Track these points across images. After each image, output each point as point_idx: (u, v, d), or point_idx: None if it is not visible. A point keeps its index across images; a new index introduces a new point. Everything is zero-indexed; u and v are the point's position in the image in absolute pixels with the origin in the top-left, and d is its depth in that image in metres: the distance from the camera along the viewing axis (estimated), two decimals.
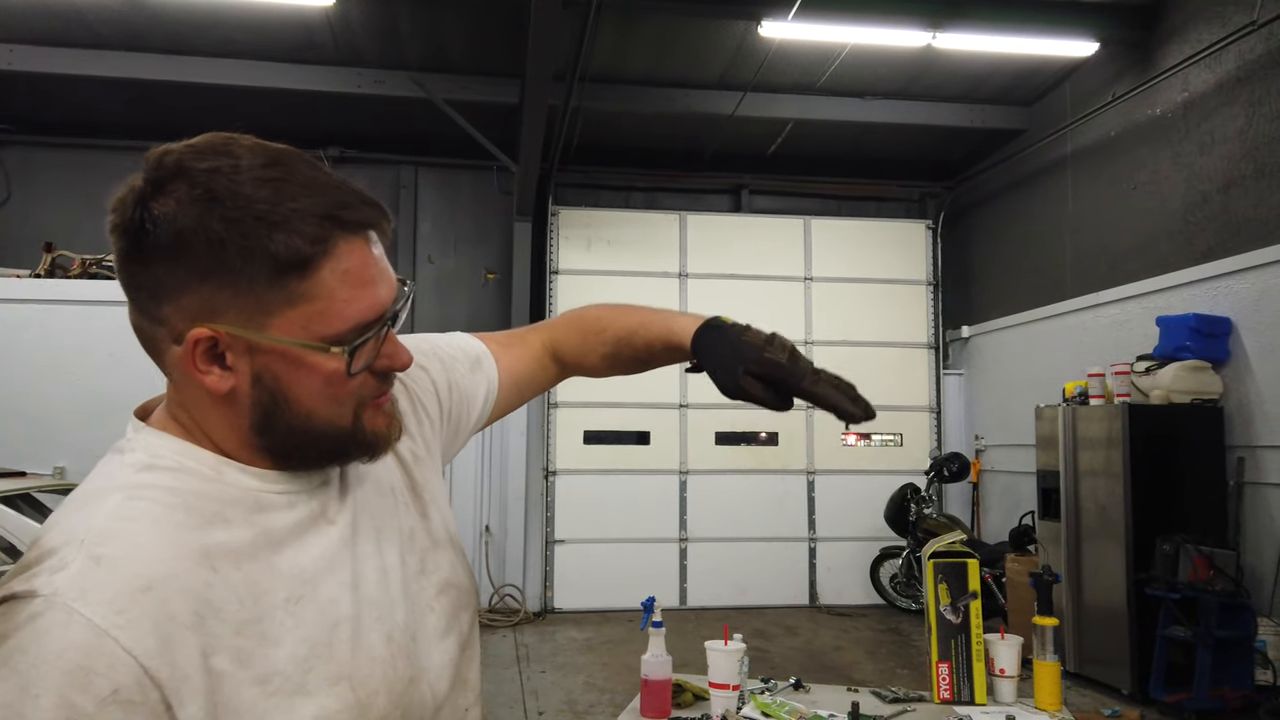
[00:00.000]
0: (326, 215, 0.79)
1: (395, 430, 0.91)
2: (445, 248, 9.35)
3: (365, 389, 0.86)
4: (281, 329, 0.80)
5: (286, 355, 0.81)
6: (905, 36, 6.96)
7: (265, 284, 0.78)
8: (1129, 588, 5.79)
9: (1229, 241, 6.24)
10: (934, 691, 2.34)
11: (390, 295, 0.85)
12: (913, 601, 8.45)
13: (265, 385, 0.81)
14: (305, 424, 0.83)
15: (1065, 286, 8.04)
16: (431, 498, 1.03)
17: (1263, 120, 6.01)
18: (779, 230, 9.54)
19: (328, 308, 0.80)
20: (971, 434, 9.51)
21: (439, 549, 1.00)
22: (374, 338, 0.84)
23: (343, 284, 0.80)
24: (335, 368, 0.82)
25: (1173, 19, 6.84)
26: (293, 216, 0.78)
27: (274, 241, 0.77)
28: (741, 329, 1.10)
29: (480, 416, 1.18)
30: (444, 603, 0.97)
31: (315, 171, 0.82)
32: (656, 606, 2.29)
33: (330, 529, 0.88)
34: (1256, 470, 5.91)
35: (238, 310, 0.79)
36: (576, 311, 1.29)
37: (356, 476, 0.94)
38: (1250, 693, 5.23)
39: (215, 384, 0.81)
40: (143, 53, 7.40)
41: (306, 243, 0.78)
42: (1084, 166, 7.88)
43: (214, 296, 0.78)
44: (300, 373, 0.81)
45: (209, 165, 0.78)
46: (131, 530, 0.77)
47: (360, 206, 0.83)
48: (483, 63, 7.77)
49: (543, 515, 8.87)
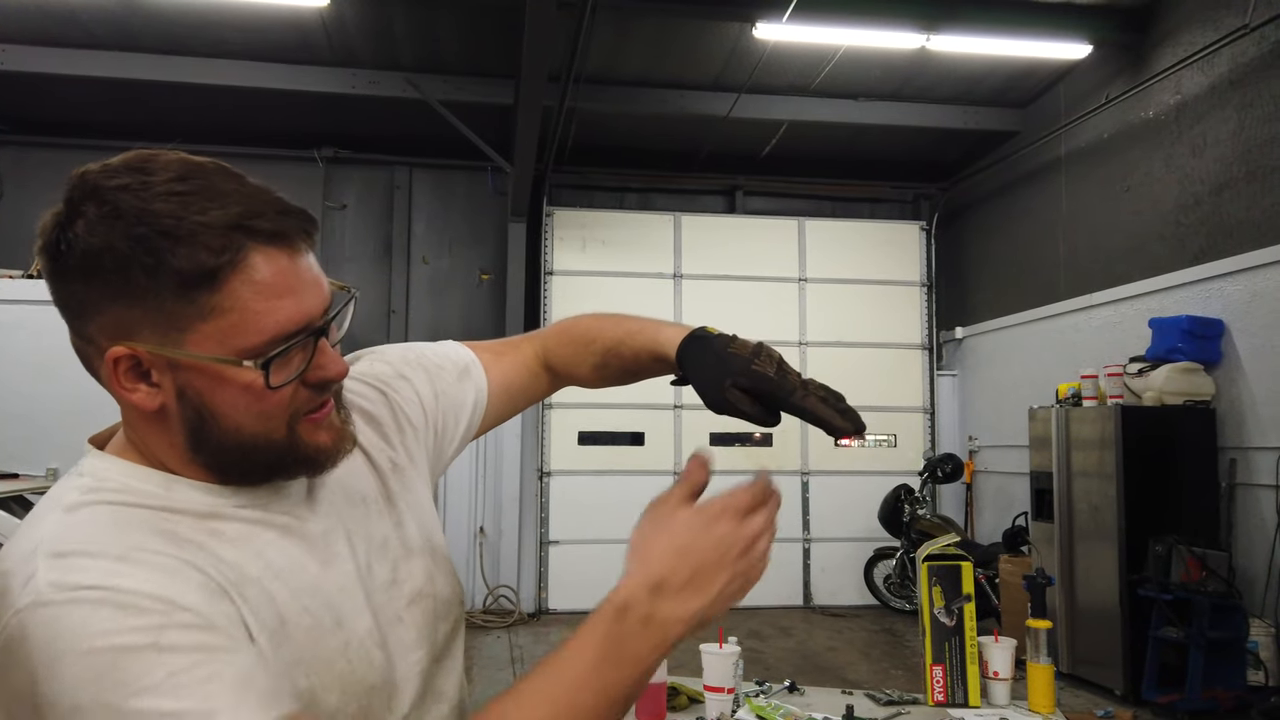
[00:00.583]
0: (234, 226, 0.77)
1: (345, 443, 0.89)
2: (440, 249, 9.35)
3: (298, 401, 0.84)
4: (196, 344, 0.78)
5: (205, 371, 0.79)
6: (899, 38, 6.98)
7: (173, 300, 0.76)
8: (1122, 589, 5.81)
9: (1221, 244, 6.27)
10: (928, 694, 2.35)
11: (318, 305, 0.83)
12: (906, 602, 8.47)
13: (190, 401, 0.80)
14: (235, 439, 0.82)
15: (1058, 288, 8.06)
16: (409, 506, 1.02)
17: (1255, 123, 6.03)
18: (773, 231, 9.55)
19: (241, 320, 0.78)
20: (965, 435, 9.53)
21: (413, 557, 0.98)
22: (298, 349, 0.81)
23: (256, 295, 0.78)
24: (254, 381, 0.80)
25: (1166, 22, 6.87)
26: (198, 230, 0.76)
27: (177, 256, 0.75)
28: (728, 339, 1.05)
29: (470, 425, 1.16)
30: (415, 613, 0.95)
31: (232, 183, 0.80)
32: None
33: (289, 535, 0.87)
34: (1248, 471, 5.93)
35: (151, 327, 0.77)
36: (569, 320, 1.26)
37: (325, 485, 0.93)
38: (1242, 693, 5.24)
39: (143, 401, 0.80)
40: (137, 53, 7.38)
41: (212, 255, 0.76)
42: (1077, 168, 7.91)
43: (127, 314, 0.77)
44: (221, 388, 0.80)
45: (119, 183, 0.77)
46: (83, 528, 0.76)
47: (275, 216, 0.80)
48: (477, 64, 7.76)
49: (537, 516, 8.87)
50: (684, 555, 0.83)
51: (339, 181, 9.16)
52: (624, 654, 0.80)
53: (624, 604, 0.81)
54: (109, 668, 0.68)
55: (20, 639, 0.70)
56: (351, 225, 9.17)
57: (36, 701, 0.69)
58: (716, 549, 0.84)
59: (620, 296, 9.19)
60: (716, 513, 0.85)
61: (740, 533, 0.85)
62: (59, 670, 0.68)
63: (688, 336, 1.07)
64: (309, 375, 0.83)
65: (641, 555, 0.84)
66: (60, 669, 0.68)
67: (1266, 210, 5.92)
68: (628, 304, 9.17)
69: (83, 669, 0.68)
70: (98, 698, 0.67)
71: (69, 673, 0.68)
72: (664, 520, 0.85)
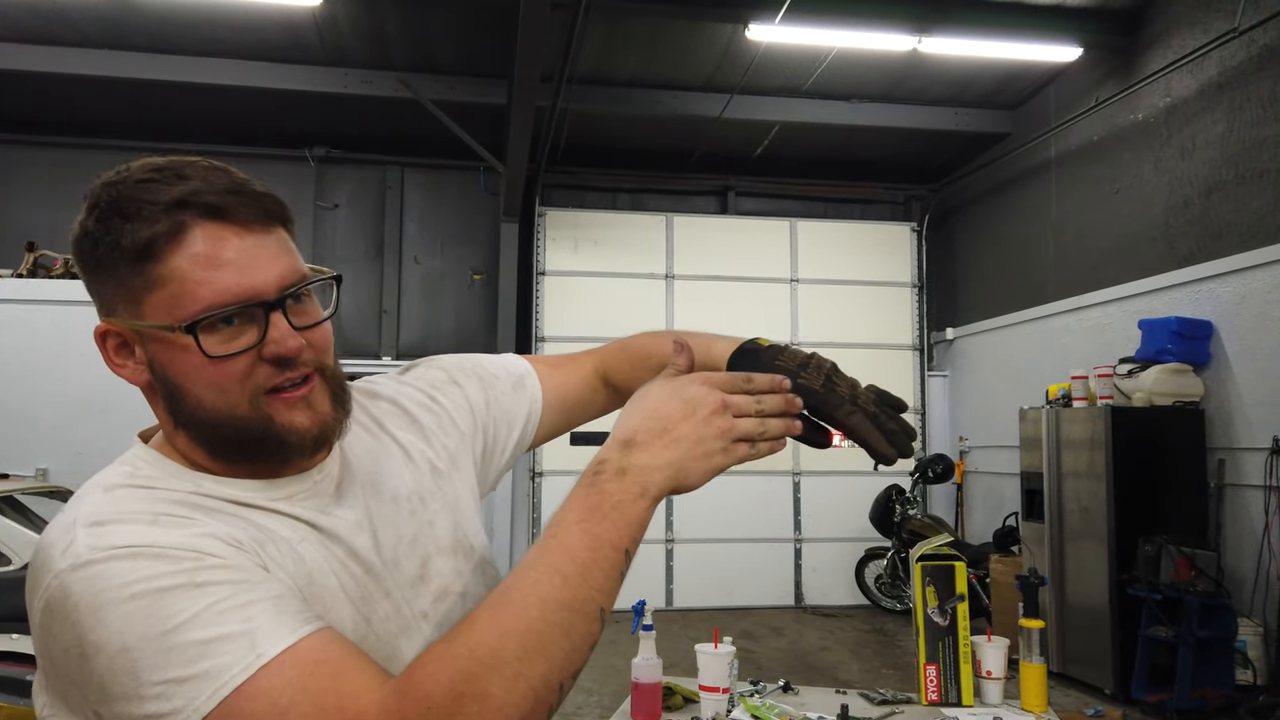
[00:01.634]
0: (177, 202, 0.82)
1: (325, 425, 0.89)
2: (432, 248, 9.33)
3: (258, 378, 0.85)
4: (151, 315, 0.83)
5: (157, 340, 0.84)
6: (891, 40, 7.01)
7: (128, 273, 0.83)
8: (1112, 588, 5.84)
9: (1210, 246, 6.31)
10: (921, 693, 2.36)
11: (269, 281, 0.84)
12: (897, 602, 8.50)
13: (159, 374, 0.86)
14: (200, 412, 0.85)
15: (1048, 289, 8.10)
16: (444, 506, 1.04)
17: (1243, 126, 6.08)
18: (765, 232, 9.57)
19: (181, 290, 0.82)
20: (956, 435, 9.57)
21: (443, 556, 1.00)
22: (246, 322, 0.84)
23: (194, 266, 0.82)
24: (193, 348, 0.83)
25: (1155, 25, 6.92)
26: (146, 207, 0.82)
27: (124, 233, 0.82)
28: (778, 350, 1.02)
29: (524, 435, 1.19)
30: (440, 610, 0.97)
31: (205, 171, 0.85)
32: (647, 609, 2.29)
33: (314, 531, 0.90)
34: (1237, 472, 5.97)
35: (122, 303, 0.85)
36: (628, 338, 1.27)
37: (356, 480, 0.96)
38: (1231, 692, 5.28)
39: (131, 376, 0.87)
40: (128, 51, 7.36)
41: (149, 228, 0.81)
42: (1067, 170, 7.95)
43: (104, 292, 0.86)
44: (175, 358, 0.84)
45: (105, 180, 0.85)
46: (118, 502, 0.82)
47: (221, 194, 0.83)
48: (470, 64, 7.76)
49: (529, 517, 8.87)
50: (654, 414, 0.86)
51: (331, 181, 9.14)
52: (605, 504, 0.81)
53: (599, 461, 0.85)
54: (152, 607, 0.73)
55: (62, 598, 0.75)
56: (343, 225, 9.16)
57: (83, 650, 0.74)
58: (685, 405, 0.86)
59: (612, 297, 9.19)
60: (688, 379, 0.89)
61: (711, 397, 0.86)
62: (105, 617, 0.73)
63: (737, 350, 1.06)
64: (264, 350, 0.84)
65: (617, 424, 0.88)
66: (106, 615, 0.73)
67: (1255, 213, 5.96)
68: (620, 305, 9.20)
69: (127, 612, 0.73)
70: (145, 635, 0.72)
71: (114, 618, 0.73)
72: (641, 392, 0.90)
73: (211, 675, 0.72)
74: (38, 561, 0.79)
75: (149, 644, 0.72)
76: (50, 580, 0.76)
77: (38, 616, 0.77)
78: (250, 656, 0.73)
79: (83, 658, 0.74)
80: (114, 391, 6.59)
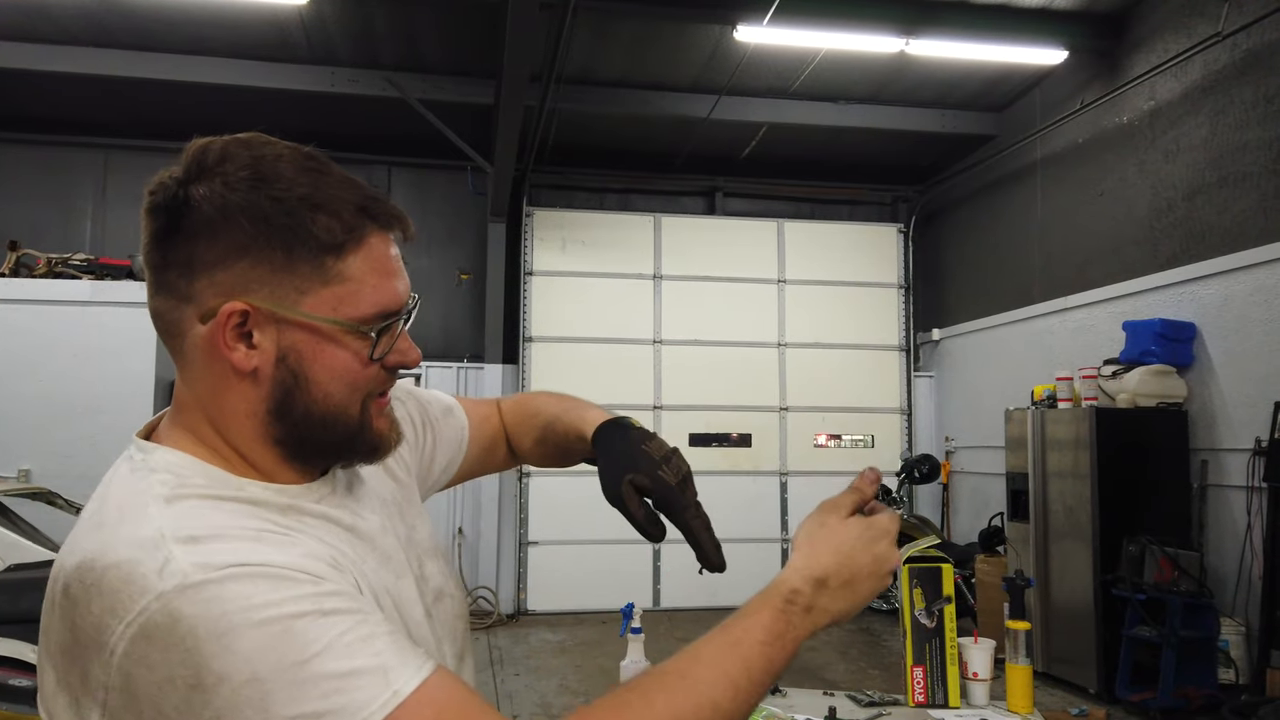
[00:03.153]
0: (361, 206, 0.85)
1: (395, 434, 0.94)
2: (418, 248, 9.28)
3: (375, 382, 0.89)
4: (313, 307, 0.83)
5: (316, 332, 0.84)
6: (878, 43, 7.03)
7: (303, 261, 0.82)
8: (1096, 588, 5.88)
9: (1194, 248, 6.36)
10: (909, 695, 2.37)
11: (407, 291, 0.90)
12: (883, 602, 8.52)
13: (288, 365, 0.84)
14: (321, 408, 0.85)
15: (1034, 291, 8.15)
16: (418, 510, 1.08)
17: (1226, 129, 6.13)
18: (753, 233, 9.59)
19: (357, 291, 0.84)
20: (942, 436, 9.61)
21: (433, 558, 1.03)
22: (390, 329, 0.88)
23: (371, 271, 0.85)
24: (359, 349, 0.86)
25: (1140, 29, 6.96)
26: (333, 201, 0.84)
27: (316, 223, 0.82)
28: (646, 435, 1.10)
29: (452, 462, 1.22)
30: (440, 610, 1.00)
31: (343, 173, 0.89)
32: (636, 612, 2.29)
33: (354, 536, 0.91)
34: (1219, 472, 6.02)
35: (272, 287, 0.82)
36: (529, 394, 1.34)
37: (365, 485, 0.98)
38: (1213, 692, 5.33)
39: (241, 361, 0.83)
40: (112, 49, 7.29)
41: (343, 227, 0.83)
42: (1052, 172, 8.00)
43: (250, 272, 0.81)
44: (325, 351, 0.84)
45: (254, 153, 0.84)
46: (200, 515, 0.77)
47: (388, 205, 0.89)
48: (458, 63, 7.74)
49: (516, 517, 8.86)
50: (848, 559, 0.93)
51: None
52: (786, 634, 0.88)
53: (794, 590, 0.91)
54: (283, 634, 0.70)
55: (170, 624, 0.69)
56: None
57: (201, 679, 0.68)
58: (874, 563, 0.94)
59: (600, 297, 9.19)
60: (880, 532, 0.96)
61: (893, 557, 0.96)
62: (231, 644, 0.68)
63: (609, 421, 1.13)
64: (390, 358, 0.89)
65: (809, 550, 0.94)
66: (232, 642, 0.69)
67: (1238, 215, 6.02)
68: (607, 305, 9.20)
69: (257, 639, 0.69)
70: (277, 665, 0.69)
71: (243, 645, 0.69)
72: (835, 525, 0.96)
73: (349, 711, 0.69)
74: (111, 583, 0.72)
75: (282, 674, 0.69)
76: (149, 603, 0.70)
77: (124, 645, 0.70)
78: (387, 693, 0.71)
79: (196, 689, 0.68)
80: (96, 391, 6.57)
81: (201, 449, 0.85)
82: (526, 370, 8.97)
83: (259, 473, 0.86)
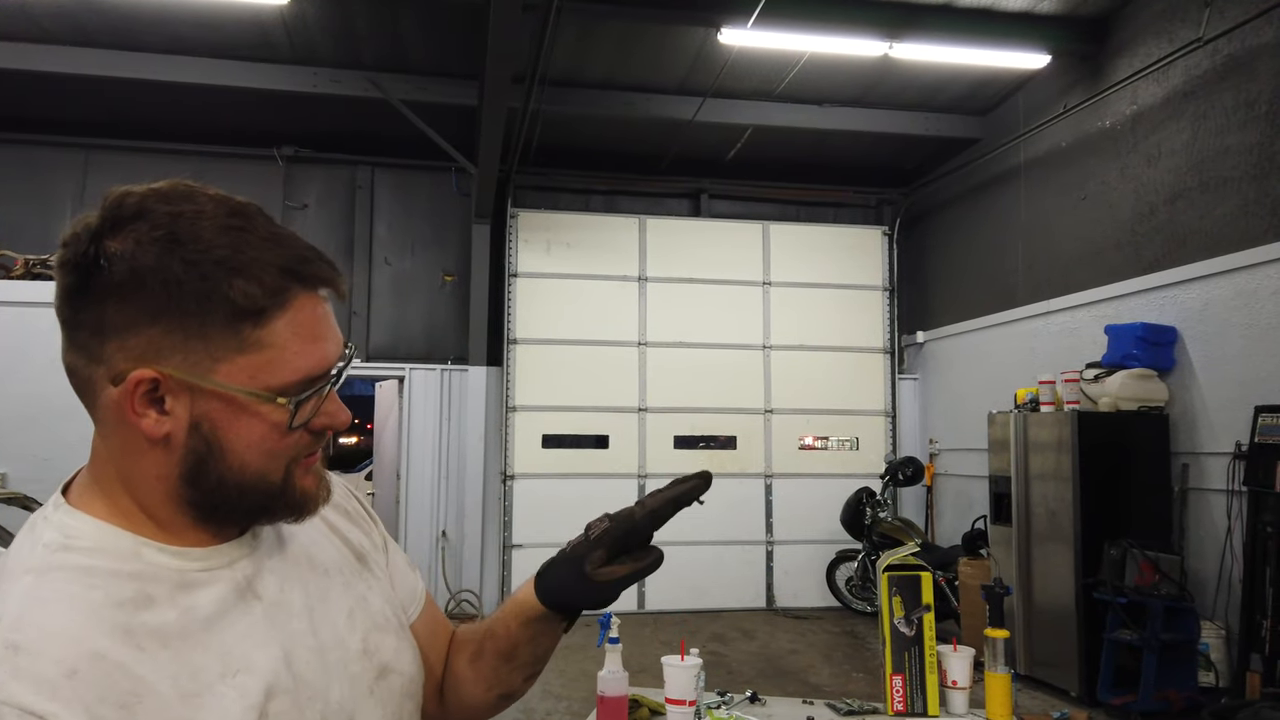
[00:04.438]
0: (286, 268, 0.80)
1: (324, 492, 0.90)
2: (402, 250, 9.26)
3: (300, 446, 0.85)
4: (227, 376, 0.79)
5: (230, 403, 0.80)
6: (863, 46, 7.04)
7: (218, 329, 0.78)
8: (1078, 592, 5.90)
9: (1175, 252, 6.40)
10: (888, 703, 2.36)
11: (337, 353, 0.85)
12: (868, 604, 8.54)
13: (202, 433, 0.80)
14: (237, 476, 0.82)
15: (1017, 294, 8.18)
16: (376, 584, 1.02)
17: (1208, 134, 6.16)
18: (738, 235, 9.59)
19: (278, 358, 0.80)
20: (925, 438, 9.63)
21: (382, 632, 0.98)
22: (316, 394, 0.84)
23: (295, 337, 0.81)
24: (278, 419, 0.81)
25: (1122, 33, 7.00)
26: (253, 265, 0.78)
27: (233, 288, 0.77)
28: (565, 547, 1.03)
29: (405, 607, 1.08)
30: (383, 689, 0.95)
31: (275, 227, 0.83)
32: (614, 623, 2.27)
33: (257, 604, 0.86)
34: (1200, 476, 6.06)
35: (185, 354, 0.78)
36: None
37: (291, 550, 0.93)
38: (1194, 694, 5.35)
39: (151, 428, 0.79)
40: (92, 48, 7.23)
41: (265, 292, 0.79)
42: (1036, 176, 8.03)
43: (162, 339, 0.77)
44: (241, 421, 0.80)
45: (172, 209, 0.78)
46: (47, 613, 0.74)
47: (319, 263, 0.83)
48: (441, 64, 7.70)
49: (500, 520, 8.83)
50: None
51: (299, 181, 9.04)
52: None
53: None
54: None
55: None
56: (312, 225, 9.05)
57: None
58: None
59: (585, 299, 9.17)
60: None
61: None
62: None
63: (535, 576, 1.05)
64: (315, 421, 0.85)
65: None
66: None
67: (1218, 220, 6.05)
68: (592, 307, 9.18)
69: None
70: None
71: None
72: None
73: None
74: None
75: None
76: None
77: None
78: None
79: None
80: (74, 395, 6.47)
81: (107, 508, 0.82)
82: (511, 373, 8.94)
83: (166, 533, 0.83)
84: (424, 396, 8.97)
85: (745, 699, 2.44)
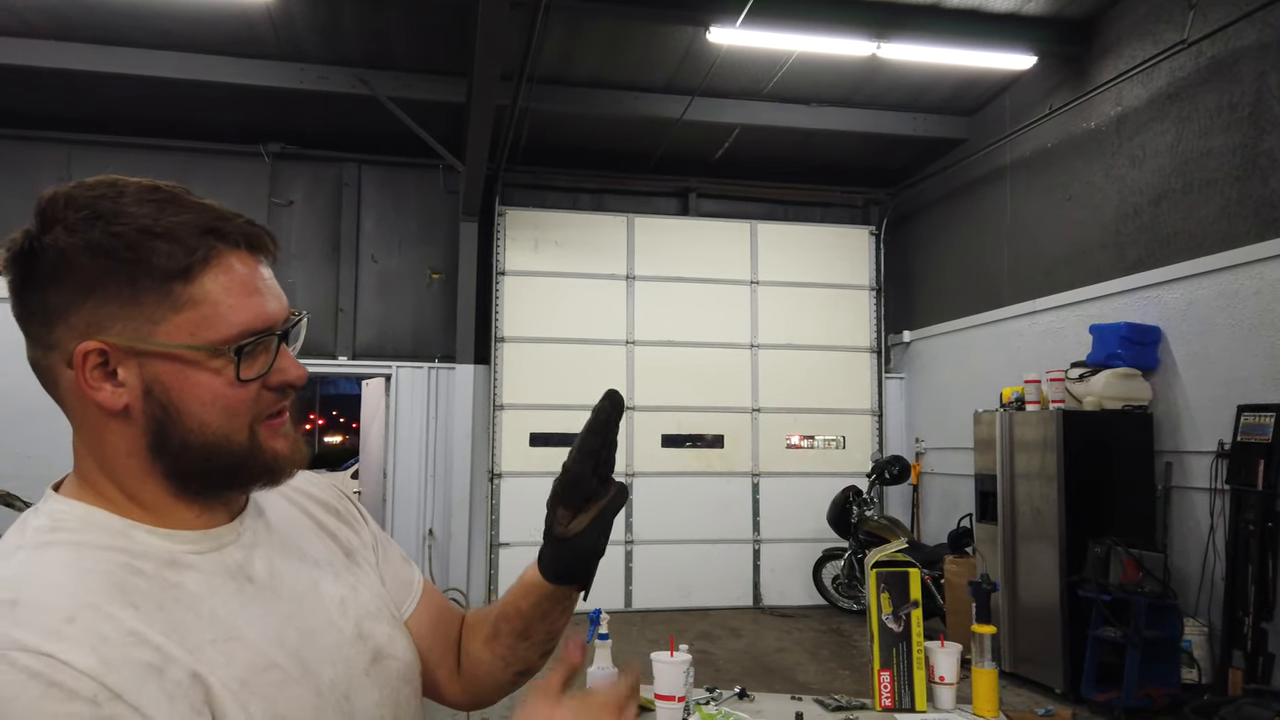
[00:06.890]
0: (207, 228, 0.83)
1: (297, 454, 0.91)
2: (389, 247, 9.22)
3: (261, 404, 0.87)
4: (168, 335, 0.81)
5: (177, 359, 0.82)
6: (850, 46, 7.06)
7: (149, 292, 0.80)
8: (1062, 589, 5.94)
9: (1159, 253, 6.44)
10: (876, 699, 2.37)
11: (281, 311, 0.88)
12: (854, 602, 8.57)
13: (156, 397, 0.82)
14: (199, 438, 0.83)
15: (1003, 293, 8.22)
16: (365, 577, 1.03)
17: (1191, 136, 6.21)
18: (726, 234, 9.60)
19: (213, 313, 0.82)
20: (912, 437, 9.67)
21: (376, 620, 0.99)
22: (262, 349, 0.86)
23: (227, 292, 0.83)
24: (225, 371, 0.83)
25: (1108, 35, 7.04)
26: (174, 228, 0.81)
27: (156, 251, 0.80)
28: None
29: (400, 602, 1.09)
30: (379, 670, 0.96)
31: (199, 199, 0.86)
32: (603, 619, 2.28)
33: (249, 586, 0.87)
34: (1183, 474, 6.11)
35: (124, 321, 0.81)
36: None
37: (276, 538, 0.95)
38: (1176, 691, 5.40)
39: (108, 400, 0.82)
40: (74, 42, 7.16)
41: (185, 251, 0.81)
42: (1021, 176, 8.07)
43: (100, 310, 0.80)
44: (190, 379, 0.82)
45: (95, 193, 0.82)
46: (42, 574, 0.77)
47: (241, 223, 0.86)
48: (428, 61, 7.68)
49: (487, 518, 8.81)
50: None
51: (286, 177, 9.00)
52: None
53: None
54: None
55: None
56: (299, 222, 9.01)
57: None
58: None
59: (573, 297, 9.16)
60: (598, 706, 0.87)
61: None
62: None
63: (536, 560, 1.07)
64: (271, 378, 0.87)
65: None
66: None
67: (1202, 221, 6.10)
68: (580, 305, 9.17)
69: None
70: None
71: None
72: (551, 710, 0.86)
73: None
74: None
75: None
76: None
77: None
78: None
79: None
80: None
81: (95, 496, 0.85)
82: (498, 371, 8.93)
83: (152, 515, 0.84)
84: (411, 394, 8.95)
85: (734, 695, 2.45)
